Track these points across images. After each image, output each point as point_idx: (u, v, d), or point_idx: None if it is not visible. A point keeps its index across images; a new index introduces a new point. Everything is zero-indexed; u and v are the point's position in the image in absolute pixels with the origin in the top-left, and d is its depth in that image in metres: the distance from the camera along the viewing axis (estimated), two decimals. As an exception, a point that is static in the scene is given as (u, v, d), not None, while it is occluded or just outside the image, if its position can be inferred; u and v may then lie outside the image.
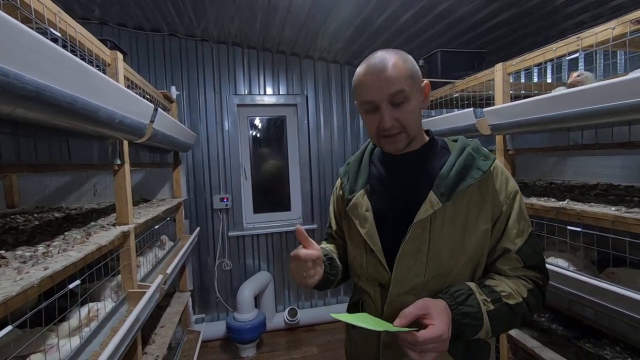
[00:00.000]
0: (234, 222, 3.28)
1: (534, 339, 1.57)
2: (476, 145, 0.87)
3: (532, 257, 0.85)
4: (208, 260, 3.24)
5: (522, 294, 0.81)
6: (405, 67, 0.80)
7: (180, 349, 2.10)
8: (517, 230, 0.83)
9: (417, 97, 0.83)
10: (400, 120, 0.81)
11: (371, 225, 0.89)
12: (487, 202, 0.83)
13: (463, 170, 0.82)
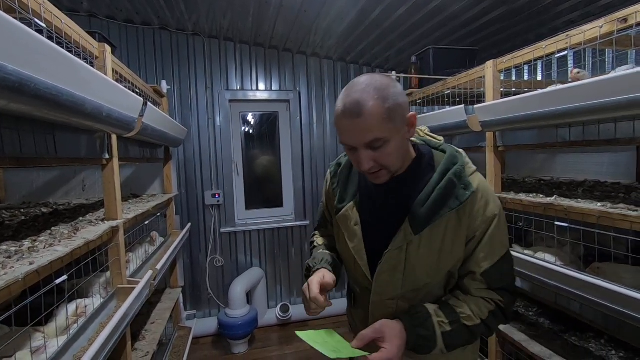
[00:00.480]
0: (225, 218, 3.26)
1: (521, 332, 1.60)
2: (459, 169, 0.84)
3: (499, 280, 0.86)
4: (200, 257, 3.23)
5: (482, 315, 0.85)
6: (382, 111, 0.75)
7: (171, 345, 2.10)
8: (485, 253, 0.85)
9: (398, 136, 0.80)
10: (379, 161, 0.81)
11: (359, 241, 0.93)
12: (463, 227, 0.84)
13: (441, 199, 0.82)
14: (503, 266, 0.86)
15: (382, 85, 0.77)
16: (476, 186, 0.84)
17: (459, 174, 0.84)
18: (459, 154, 0.89)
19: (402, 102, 0.79)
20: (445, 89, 2.05)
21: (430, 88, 2.19)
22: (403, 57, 3.20)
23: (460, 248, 0.86)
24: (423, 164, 0.89)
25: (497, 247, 0.86)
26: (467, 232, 0.85)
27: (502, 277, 0.87)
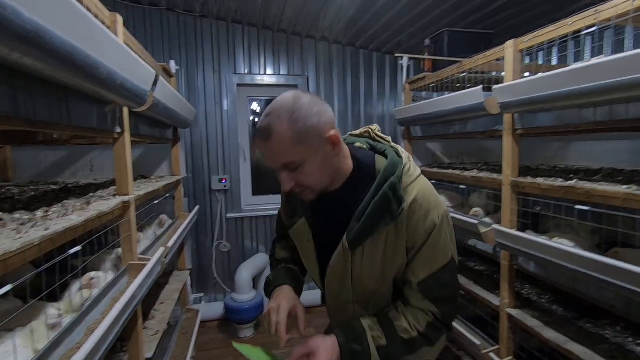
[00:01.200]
0: (232, 204, 3.25)
1: (534, 319, 1.57)
2: (394, 182, 0.82)
3: (435, 291, 0.86)
4: (206, 242, 3.22)
5: (420, 328, 0.86)
6: (292, 135, 0.76)
7: (179, 327, 2.09)
8: (423, 263, 0.85)
9: (316, 157, 0.79)
10: (299, 182, 0.82)
11: (312, 257, 0.97)
12: (402, 238, 0.84)
13: (377, 214, 0.82)
14: (442, 276, 0.85)
15: (294, 107, 0.76)
16: (414, 197, 0.83)
17: (393, 187, 0.82)
18: (399, 161, 0.86)
19: (316, 123, 0.77)
20: (460, 71, 2.00)
21: (444, 71, 2.14)
22: (414, 42, 3.13)
23: (401, 257, 0.86)
24: (362, 175, 0.88)
25: (437, 257, 0.85)
26: (407, 243, 0.85)
27: (440, 288, 0.86)
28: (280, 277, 1.02)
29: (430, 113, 2.11)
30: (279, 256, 1.13)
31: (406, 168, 0.86)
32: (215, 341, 2.85)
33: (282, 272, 1.04)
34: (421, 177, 0.88)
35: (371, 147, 0.95)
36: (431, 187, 0.88)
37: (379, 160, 0.89)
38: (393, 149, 0.91)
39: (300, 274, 1.08)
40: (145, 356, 1.32)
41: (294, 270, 1.06)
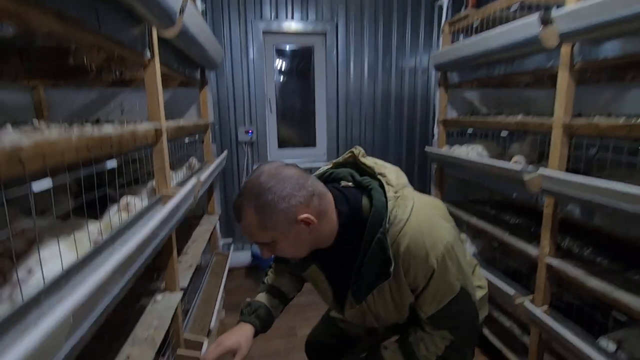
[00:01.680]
0: (258, 156, 3.23)
1: (577, 268, 1.49)
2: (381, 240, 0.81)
3: (446, 322, 0.89)
4: (233, 194, 3.25)
5: (439, 351, 0.90)
6: (257, 222, 0.79)
7: (210, 268, 2.16)
8: (429, 301, 0.87)
9: (287, 237, 0.81)
10: (277, 254, 0.88)
11: (329, 296, 1.01)
12: (404, 285, 0.86)
13: (372, 273, 0.84)
14: (451, 309, 0.86)
15: (263, 192, 0.77)
16: (405, 246, 0.81)
17: (381, 245, 0.81)
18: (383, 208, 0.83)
19: (285, 207, 0.77)
20: (510, 4, 1.80)
21: (492, 5, 1.93)
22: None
23: (409, 297, 0.89)
24: (353, 228, 0.86)
25: (444, 293, 0.85)
26: (410, 285, 0.87)
27: (450, 319, 0.89)
28: (251, 312, 1.05)
29: (473, 54, 1.94)
30: (268, 280, 1.16)
31: (392, 215, 0.82)
32: (243, 287, 2.96)
33: (255, 307, 1.06)
34: (413, 215, 0.82)
35: (356, 183, 0.92)
36: (426, 221, 0.84)
37: (365, 206, 0.87)
38: (378, 184, 0.88)
39: (276, 307, 1.10)
40: (180, 285, 1.35)
41: (268, 309, 1.07)
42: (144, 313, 1.18)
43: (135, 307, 1.22)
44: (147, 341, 1.03)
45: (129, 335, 1.06)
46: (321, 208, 0.83)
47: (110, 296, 0.73)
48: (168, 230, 1.09)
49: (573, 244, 1.77)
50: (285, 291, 1.13)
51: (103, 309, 0.70)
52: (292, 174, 0.80)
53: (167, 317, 1.14)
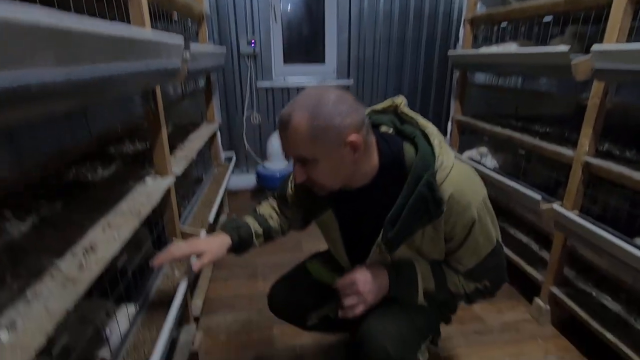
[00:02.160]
0: (262, 71, 2.97)
1: (622, 166, 1.31)
2: (430, 181, 0.77)
3: (483, 275, 0.89)
4: (236, 115, 3.05)
5: (467, 290, 0.90)
6: (306, 129, 0.73)
7: (210, 177, 2.04)
8: (468, 254, 0.86)
9: (330, 157, 0.76)
10: (311, 178, 0.80)
11: (340, 247, 0.98)
12: (440, 233, 0.83)
13: (412, 217, 0.80)
14: (489, 262, 0.87)
15: (319, 102, 0.73)
16: (450, 194, 0.78)
17: (431, 186, 0.77)
18: (431, 154, 0.80)
19: (338, 123, 0.73)
20: None
21: None
22: None
23: (439, 247, 0.87)
24: (391, 172, 0.83)
25: (482, 247, 0.85)
26: (446, 235, 0.84)
27: (487, 272, 0.88)
28: (233, 227, 0.97)
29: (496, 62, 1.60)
30: (259, 210, 1.07)
31: (439, 161, 0.79)
32: (247, 207, 2.88)
33: (238, 225, 0.99)
34: (455, 166, 0.81)
35: (397, 130, 0.89)
36: (467, 173, 0.83)
37: (407, 152, 0.84)
38: (422, 133, 0.84)
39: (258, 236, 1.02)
40: (174, 171, 1.21)
41: (251, 232, 0.99)
42: (130, 192, 1.05)
43: (121, 188, 1.10)
44: (132, 213, 0.91)
45: (112, 209, 0.94)
46: (368, 140, 0.79)
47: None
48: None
49: (614, 147, 1.58)
50: (272, 227, 1.04)
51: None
52: (350, 97, 0.77)
53: (156, 195, 1.02)
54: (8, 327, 0.53)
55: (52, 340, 0.69)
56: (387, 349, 0.83)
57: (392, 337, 0.85)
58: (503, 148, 2.09)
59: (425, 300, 0.90)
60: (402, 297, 0.90)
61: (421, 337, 0.93)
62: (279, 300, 1.09)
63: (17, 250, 0.75)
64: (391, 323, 0.88)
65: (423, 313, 0.94)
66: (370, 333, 0.86)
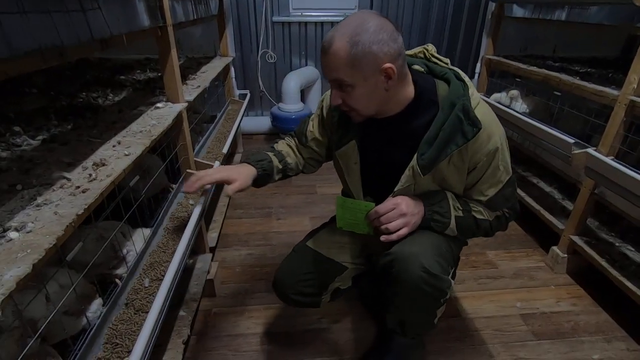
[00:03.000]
0: (279, 5, 2.77)
1: None
2: (466, 104, 0.81)
3: (502, 203, 0.94)
4: (251, 54, 2.91)
5: (490, 217, 0.95)
6: (345, 54, 0.74)
7: (224, 113, 1.98)
8: (489, 184, 0.90)
9: (366, 84, 0.78)
10: (347, 102, 0.82)
11: (357, 179, 0.98)
12: (465, 161, 0.86)
13: (448, 138, 0.82)
14: (507, 190, 0.91)
15: (359, 29, 0.74)
16: (480, 119, 0.81)
17: (466, 109, 0.81)
18: (463, 84, 0.85)
19: (376, 51, 0.75)
20: None
21: None
22: None
23: (462, 177, 0.89)
24: (424, 101, 0.86)
25: (501, 176, 0.89)
26: (469, 164, 0.87)
27: (506, 200, 0.93)
28: (256, 160, 1.00)
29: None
30: (277, 147, 1.08)
31: (470, 92, 0.84)
32: (262, 149, 2.85)
33: (261, 157, 1.01)
34: (482, 100, 0.86)
35: (429, 69, 0.92)
36: (491, 110, 0.88)
37: (439, 86, 0.87)
38: (452, 72, 0.88)
39: (277, 171, 1.03)
40: (185, 98, 1.15)
41: (272, 166, 1.01)
42: (141, 116, 1.01)
43: (131, 112, 1.06)
44: (142, 133, 0.88)
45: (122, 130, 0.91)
46: (403, 71, 0.81)
47: None
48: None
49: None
50: (289, 164, 1.06)
51: None
52: (391, 27, 0.77)
53: (168, 118, 0.97)
54: (18, 228, 0.52)
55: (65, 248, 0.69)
56: (423, 263, 0.83)
57: (425, 255, 0.85)
58: (535, 92, 1.94)
59: (456, 228, 0.92)
60: (435, 221, 0.91)
61: (449, 263, 0.92)
62: (289, 291, 1.06)
63: (27, 162, 0.73)
64: (421, 244, 0.88)
65: (447, 242, 0.94)
66: (403, 252, 0.86)
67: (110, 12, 0.71)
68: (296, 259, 1.09)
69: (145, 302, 0.79)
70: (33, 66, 0.51)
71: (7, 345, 0.59)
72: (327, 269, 1.07)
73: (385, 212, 0.88)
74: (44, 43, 0.53)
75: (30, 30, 0.50)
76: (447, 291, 0.87)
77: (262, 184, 1.02)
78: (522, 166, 2.12)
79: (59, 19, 0.56)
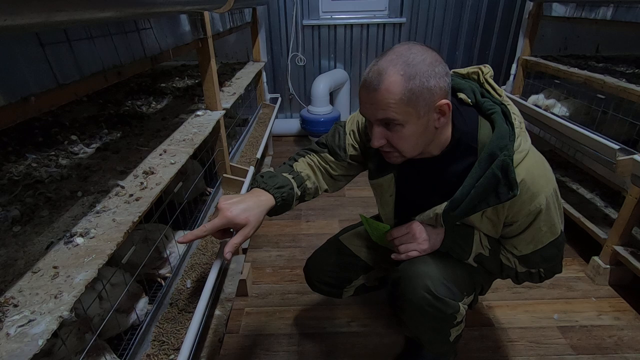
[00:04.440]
0: (309, 8, 2.80)
1: None
2: (506, 162, 0.71)
3: (539, 264, 0.86)
4: (281, 57, 2.96)
5: (518, 269, 0.88)
6: (402, 90, 0.66)
7: (256, 118, 2.03)
8: (526, 241, 0.82)
9: (418, 122, 0.69)
10: (391, 142, 0.73)
11: (390, 210, 0.94)
12: (501, 217, 0.80)
13: (480, 197, 0.75)
14: (548, 251, 0.83)
15: (414, 61, 0.66)
16: (522, 178, 0.73)
17: (505, 168, 0.71)
18: (511, 131, 0.74)
19: (434, 86, 0.67)
20: None
21: None
22: None
23: (496, 229, 0.83)
24: (461, 146, 0.78)
25: (544, 236, 0.81)
26: (506, 220, 0.81)
27: (544, 261, 0.85)
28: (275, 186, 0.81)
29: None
30: (297, 167, 0.91)
31: (517, 143, 0.74)
32: (291, 152, 2.90)
33: (281, 184, 0.82)
34: (531, 152, 0.76)
35: (476, 102, 0.80)
36: (542, 162, 0.78)
37: (482, 128, 0.77)
38: (501, 112, 0.77)
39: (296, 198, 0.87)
40: (222, 105, 1.20)
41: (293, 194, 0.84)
42: (182, 124, 1.07)
43: (174, 120, 1.11)
44: (185, 142, 0.92)
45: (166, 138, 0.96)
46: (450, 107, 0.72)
47: None
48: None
49: None
50: (309, 189, 0.90)
51: None
52: (442, 59, 0.70)
53: (208, 126, 1.02)
54: (83, 234, 0.57)
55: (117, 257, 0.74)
56: (428, 284, 0.81)
57: (433, 276, 0.83)
58: (575, 94, 1.86)
59: (475, 262, 0.88)
60: (454, 252, 0.88)
61: (463, 290, 0.88)
62: (314, 278, 1.12)
63: (85, 170, 0.79)
64: (432, 265, 0.85)
65: (469, 271, 0.91)
66: (411, 270, 0.85)
67: (160, 30, 0.75)
68: (327, 250, 1.13)
69: (187, 302, 0.84)
70: (97, 86, 0.56)
71: (69, 340, 0.64)
72: (354, 265, 1.09)
73: (398, 235, 0.89)
74: (107, 64, 0.58)
75: (96, 54, 0.55)
76: (456, 316, 0.85)
77: (277, 214, 0.84)
78: (560, 170, 2.04)
79: (118, 40, 0.61)
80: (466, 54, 2.98)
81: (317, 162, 0.94)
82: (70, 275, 0.47)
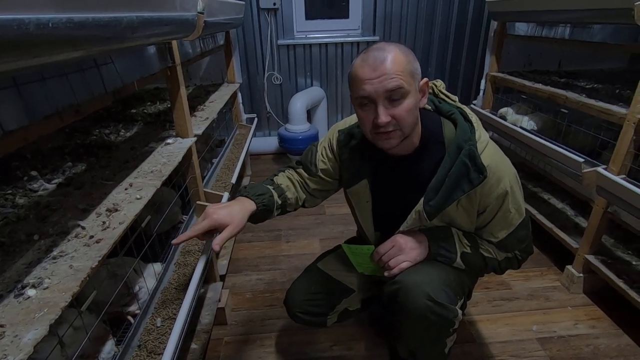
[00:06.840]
0: (283, 28, 2.83)
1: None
2: (472, 150, 0.81)
3: (514, 246, 0.93)
4: (257, 76, 2.96)
5: (499, 257, 0.95)
6: (405, 62, 0.76)
7: (232, 140, 2.01)
8: (500, 226, 0.90)
9: (415, 95, 0.79)
10: (396, 117, 0.78)
11: (368, 216, 0.99)
12: (474, 204, 0.86)
13: (454, 185, 0.82)
14: (519, 232, 0.90)
15: (402, 46, 0.78)
16: (487, 163, 0.82)
17: (472, 155, 0.81)
18: (470, 126, 0.85)
19: (418, 67, 0.80)
20: None
21: None
22: None
23: (471, 219, 0.90)
24: (431, 142, 0.88)
25: (513, 218, 0.88)
26: (479, 207, 0.87)
27: (518, 242, 0.92)
28: (255, 193, 0.91)
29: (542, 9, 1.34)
30: (277, 180, 1.00)
31: (477, 135, 0.84)
32: (270, 169, 2.88)
33: (262, 191, 0.92)
34: (490, 142, 0.86)
35: (436, 107, 0.92)
36: (500, 151, 0.88)
37: (446, 126, 0.88)
38: (459, 112, 0.88)
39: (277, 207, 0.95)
40: (194, 132, 1.18)
41: (273, 201, 0.93)
42: (151, 153, 1.04)
43: (143, 149, 1.09)
44: (153, 173, 0.90)
45: (134, 170, 0.93)
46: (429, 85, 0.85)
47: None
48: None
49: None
50: (289, 200, 0.98)
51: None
52: None
53: (178, 155, 1.00)
54: (36, 285, 0.53)
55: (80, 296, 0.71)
56: (428, 291, 0.82)
57: (431, 283, 0.85)
58: (541, 108, 1.93)
59: (462, 262, 0.92)
60: (441, 256, 0.91)
61: (456, 293, 0.91)
62: (296, 309, 1.08)
63: (44, 209, 0.75)
64: (427, 274, 0.88)
65: (456, 274, 0.94)
66: (409, 280, 0.85)
67: (122, 63, 0.73)
68: (305, 279, 1.11)
69: (157, 342, 0.80)
70: (52, 128, 0.54)
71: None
72: (335, 290, 1.08)
73: (385, 251, 0.91)
74: (62, 105, 0.56)
75: (49, 95, 0.53)
76: (455, 321, 0.86)
77: (260, 220, 0.93)
78: (532, 182, 2.10)
79: (74, 79, 0.59)
80: (438, 69, 3.07)
81: (296, 177, 1.04)
82: (18, 335, 0.44)
